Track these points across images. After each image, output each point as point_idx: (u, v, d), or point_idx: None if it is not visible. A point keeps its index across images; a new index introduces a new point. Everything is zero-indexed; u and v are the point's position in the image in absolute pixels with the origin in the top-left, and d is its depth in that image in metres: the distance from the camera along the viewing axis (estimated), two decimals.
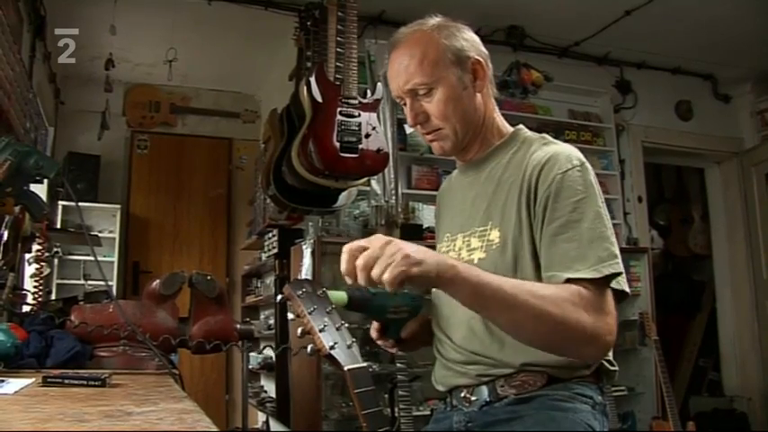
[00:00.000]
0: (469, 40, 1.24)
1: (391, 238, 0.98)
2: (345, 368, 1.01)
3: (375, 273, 0.96)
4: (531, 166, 1.16)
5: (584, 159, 1.17)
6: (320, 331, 1.03)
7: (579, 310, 1.02)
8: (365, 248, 0.98)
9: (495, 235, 1.18)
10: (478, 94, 1.24)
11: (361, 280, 0.98)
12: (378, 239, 0.98)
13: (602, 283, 1.06)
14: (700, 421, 4.08)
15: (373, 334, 1.28)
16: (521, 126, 1.31)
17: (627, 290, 1.11)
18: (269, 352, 3.78)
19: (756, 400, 4.51)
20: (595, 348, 1.06)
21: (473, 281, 1.00)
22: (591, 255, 1.07)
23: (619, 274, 1.08)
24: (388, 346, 1.28)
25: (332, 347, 1.03)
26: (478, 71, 1.23)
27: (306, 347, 1.05)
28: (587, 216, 1.10)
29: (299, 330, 1.06)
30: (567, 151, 1.17)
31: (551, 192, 1.12)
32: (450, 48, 1.20)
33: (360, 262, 0.97)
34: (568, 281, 1.06)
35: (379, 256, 0.96)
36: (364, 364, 1.03)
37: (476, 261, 1.19)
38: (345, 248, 1.00)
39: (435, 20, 1.24)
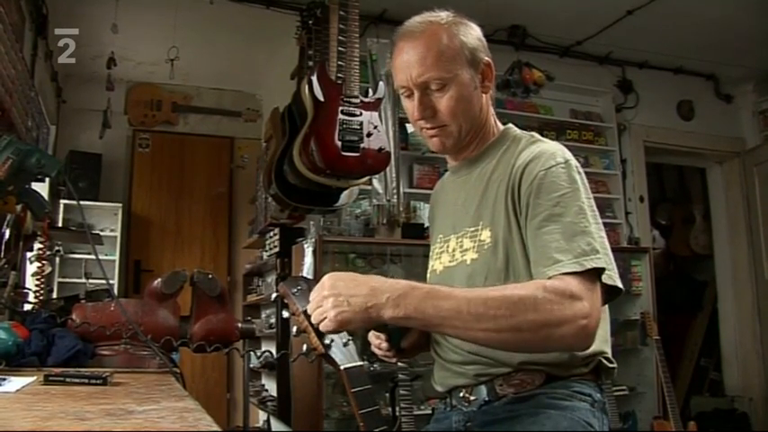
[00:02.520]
0: (482, 41, 1.23)
1: (331, 280, 1.01)
2: (341, 367, 1.01)
3: (314, 322, 1.01)
4: (517, 165, 1.16)
5: (569, 157, 1.15)
6: (315, 330, 1.02)
7: (539, 301, 0.98)
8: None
9: (486, 235, 1.17)
10: (484, 96, 1.24)
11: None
12: (318, 287, 1.02)
13: (585, 276, 1.03)
14: (701, 421, 4.08)
15: (373, 341, 1.28)
16: (510, 125, 1.31)
17: (619, 285, 1.10)
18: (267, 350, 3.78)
19: (757, 401, 4.51)
20: (571, 334, 0.99)
21: (417, 317, 0.99)
22: (573, 248, 1.04)
23: (602, 269, 1.05)
24: (390, 356, 1.28)
25: (327, 346, 1.02)
26: (487, 73, 1.23)
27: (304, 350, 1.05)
28: (570, 211, 1.08)
29: (295, 329, 1.05)
30: (553, 149, 1.16)
31: (533, 188, 1.11)
32: (467, 46, 1.19)
33: (309, 309, 1.03)
34: (552, 277, 1.03)
35: (318, 306, 1.01)
36: (360, 363, 1.02)
37: (468, 262, 1.19)
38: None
39: (447, 14, 1.22)
